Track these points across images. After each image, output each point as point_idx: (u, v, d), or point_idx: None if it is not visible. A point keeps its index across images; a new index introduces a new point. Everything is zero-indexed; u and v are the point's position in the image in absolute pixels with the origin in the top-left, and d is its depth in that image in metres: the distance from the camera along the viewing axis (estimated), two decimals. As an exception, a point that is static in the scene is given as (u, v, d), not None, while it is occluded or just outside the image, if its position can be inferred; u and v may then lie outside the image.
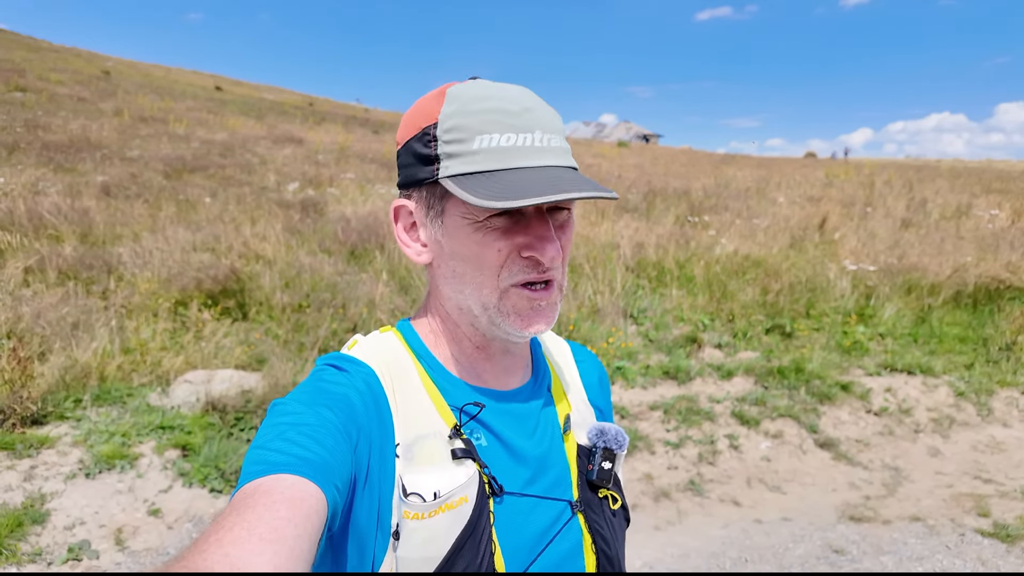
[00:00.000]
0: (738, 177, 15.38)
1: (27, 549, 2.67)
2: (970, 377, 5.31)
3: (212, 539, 0.49)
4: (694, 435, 4.30)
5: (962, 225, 9.87)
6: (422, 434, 0.71)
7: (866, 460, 4.26)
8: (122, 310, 4.90)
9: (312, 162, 13.73)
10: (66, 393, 3.78)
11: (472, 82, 0.73)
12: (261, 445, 0.61)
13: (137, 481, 3.19)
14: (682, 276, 6.82)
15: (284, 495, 0.54)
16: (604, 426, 0.83)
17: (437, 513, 0.67)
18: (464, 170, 0.69)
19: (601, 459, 0.81)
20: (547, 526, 0.75)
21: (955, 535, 3.41)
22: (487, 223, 0.69)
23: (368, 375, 0.73)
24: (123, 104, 18.46)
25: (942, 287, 6.69)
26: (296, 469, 0.58)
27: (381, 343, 0.79)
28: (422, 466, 0.69)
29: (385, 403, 0.72)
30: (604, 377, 0.98)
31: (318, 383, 0.71)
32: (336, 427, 0.65)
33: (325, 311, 5.33)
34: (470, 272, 0.72)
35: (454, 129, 0.69)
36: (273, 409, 0.67)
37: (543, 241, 0.69)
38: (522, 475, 0.75)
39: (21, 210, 7.04)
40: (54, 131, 13.61)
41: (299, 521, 0.53)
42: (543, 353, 0.90)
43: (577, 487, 0.79)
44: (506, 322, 0.72)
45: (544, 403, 0.83)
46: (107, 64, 31.58)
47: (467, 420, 0.74)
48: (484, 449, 0.74)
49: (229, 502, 0.56)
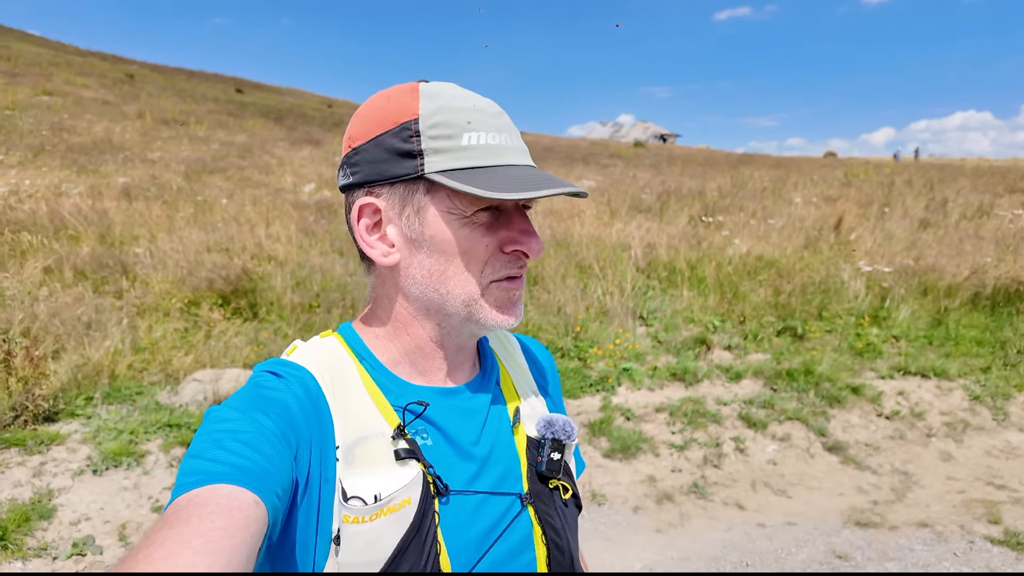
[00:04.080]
0: (755, 177, 15.21)
1: (33, 544, 2.73)
2: (986, 381, 5.20)
3: (142, 555, 0.47)
4: (700, 438, 4.27)
5: (983, 225, 9.67)
6: (363, 435, 0.71)
7: (875, 464, 4.19)
8: (135, 309, 5.00)
9: (329, 163, 13.86)
10: (78, 391, 3.86)
11: (443, 83, 0.74)
12: (196, 454, 0.60)
13: (143, 478, 3.25)
14: (693, 277, 6.76)
15: (220, 505, 0.53)
16: (552, 417, 0.84)
17: (379, 516, 0.67)
18: (455, 165, 0.69)
19: (550, 450, 0.81)
20: (495, 521, 0.75)
21: (964, 542, 3.34)
22: (474, 218, 0.71)
23: (305, 378, 0.72)
24: (146, 107, 18.80)
25: (959, 289, 6.56)
26: (233, 479, 0.57)
27: (321, 347, 0.78)
28: (363, 468, 0.69)
29: (324, 406, 0.71)
30: (554, 368, 0.99)
31: (255, 389, 0.70)
32: (274, 433, 0.64)
33: (335, 311, 5.38)
34: (453, 268, 0.72)
35: (440, 125, 0.69)
36: (208, 416, 0.66)
37: (528, 236, 0.73)
38: (469, 471, 0.75)
39: (43, 211, 7.22)
40: (79, 133, 13.92)
41: (236, 531, 0.52)
42: (490, 347, 0.90)
43: (527, 479, 0.79)
44: (487, 316, 0.74)
45: (492, 397, 0.82)
46: (131, 68, 32.18)
47: (412, 419, 0.73)
48: (430, 448, 0.73)
49: (162, 515, 0.54)
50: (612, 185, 12.74)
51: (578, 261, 7.03)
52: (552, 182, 0.69)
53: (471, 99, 0.72)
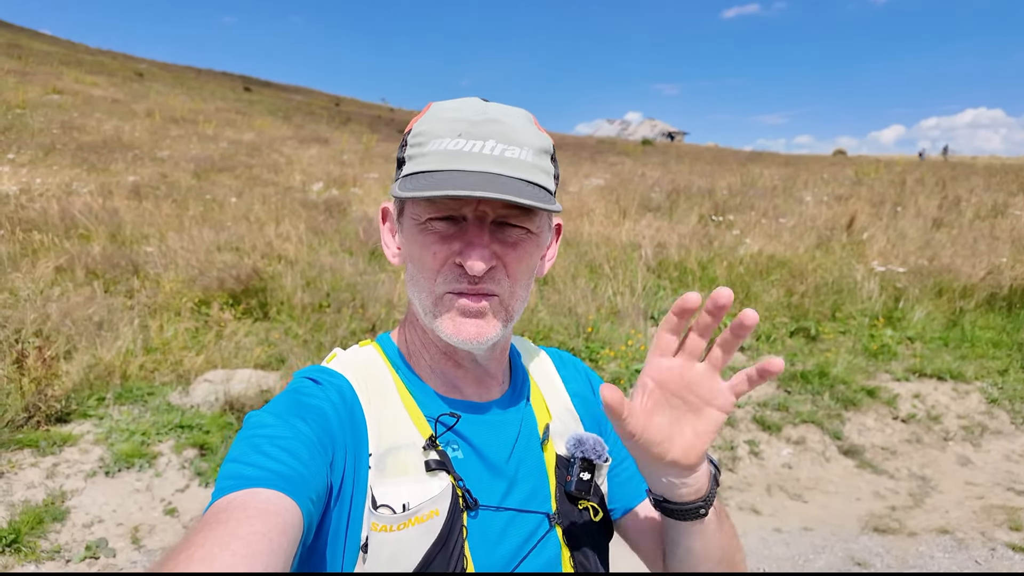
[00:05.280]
0: (764, 175, 15.12)
1: (46, 546, 2.72)
2: (1004, 383, 5.13)
3: (183, 556, 0.48)
4: (713, 440, 4.23)
5: (997, 225, 9.56)
6: (396, 445, 0.71)
7: (892, 469, 4.14)
8: (146, 309, 4.99)
9: (337, 162, 13.88)
10: (90, 391, 3.85)
11: (464, 98, 0.74)
12: (236, 458, 0.61)
13: (155, 480, 3.24)
14: (704, 277, 6.71)
15: (259, 509, 0.54)
16: (583, 435, 0.81)
17: (406, 526, 0.67)
18: (412, 170, 0.71)
19: (580, 470, 0.79)
20: (523, 540, 0.74)
21: (985, 549, 3.29)
22: (427, 225, 0.71)
23: (342, 386, 0.73)
24: (155, 106, 18.87)
25: (975, 289, 6.48)
26: (271, 483, 0.57)
27: (359, 355, 0.80)
28: (394, 477, 0.69)
29: (360, 413, 0.72)
30: (596, 381, 0.94)
31: (293, 396, 0.71)
32: (311, 440, 0.65)
33: (345, 311, 5.36)
34: (416, 275, 0.74)
35: (420, 135, 0.72)
36: (248, 421, 0.67)
37: (470, 247, 0.69)
38: (499, 488, 0.74)
39: (54, 210, 7.24)
40: (89, 132, 13.97)
41: (273, 536, 0.52)
42: (522, 363, 0.88)
43: (555, 499, 0.78)
44: (442, 329, 0.72)
45: (523, 414, 0.81)
46: (141, 66, 32.32)
47: (443, 431, 0.73)
48: (460, 461, 0.73)
49: (202, 516, 0.55)
50: (620, 184, 12.68)
51: (588, 261, 7.00)
52: (476, 188, 0.63)
53: (462, 111, 0.71)
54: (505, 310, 0.73)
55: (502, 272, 0.71)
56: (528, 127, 0.73)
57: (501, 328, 0.73)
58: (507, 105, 0.74)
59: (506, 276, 0.71)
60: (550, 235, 0.80)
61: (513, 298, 0.73)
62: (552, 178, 0.74)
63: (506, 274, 0.71)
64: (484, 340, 0.71)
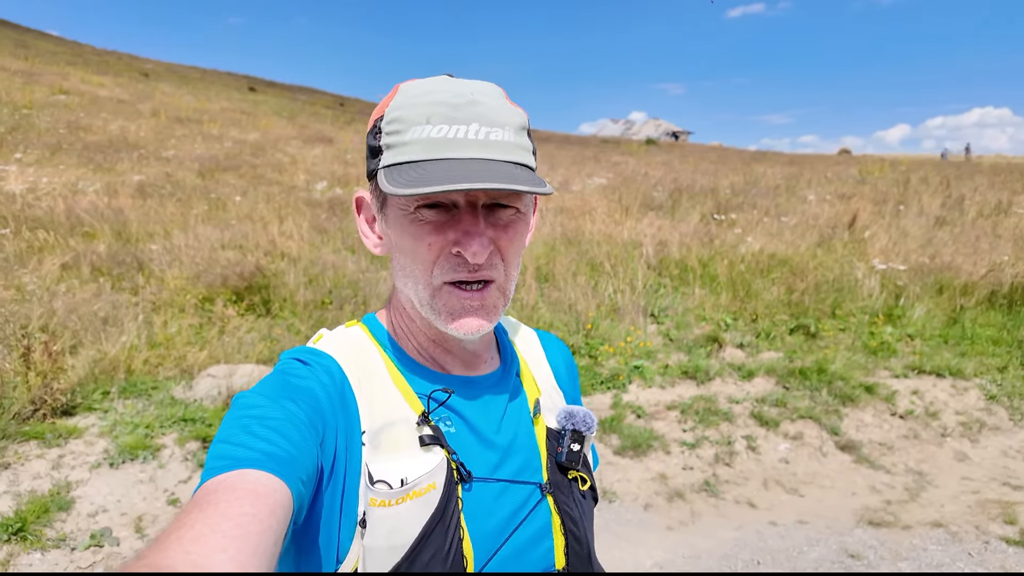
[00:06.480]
0: (768, 174, 15.10)
1: (52, 535, 2.78)
2: (1003, 380, 5.14)
3: (173, 536, 0.48)
4: (711, 436, 4.26)
5: (1000, 223, 9.55)
6: (389, 421, 0.72)
7: (889, 464, 4.16)
8: (150, 306, 5.05)
9: (341, 161, 13.92)
10: (95, 385, 3.91)
11: (431, 78, 0.74)
12: (225, 439, 0.61)
13: (159, 471, 3.29)
14: (705, 275, 6.73)
15: (248, 490, 0.54)
16: (572, 409, 0.85)
17: (404, 500, 0.68)
18: (394, 160, 0.69)
19: (570, 441, 0.82)
20: (515, 509, 0.76)
21: (979, 543, 3.31)
22: (417, 215, 0.70)
23: (331, 366, 0.74)
24: (160, 105, 18.97)
25: (976, 287, 6.48)
26: (261, 464, 0.58)
27: (346, 335, 0.80)
28: (389, 453, 0.70)
29: (350, 392, 0.73)
30: (571, 362, 0.99)
31: (282, 376, 0.71)
32: (301, 420, 0.65)
33: (347, 308, 5.41)
34: (409, 266, 0.73)
35: (395, 121, 0.70)
36: (237, 402, 0.67)
37: (468, 236, 0.68)
38: (491, 460, 0.76)
39: (60, 209, 7.31)
40: (95, 132, 14.06)
41: (263, 516, 0.53)
42: (509, 340, 0.91)
43: (547, 470, 0.80)
44: (438, 320, 0.73)
45: (513, 388, 0.84)
46: (146, 67, 32.48)
47: (435, 407, 0.75)
48: (453, 435, 0.75)
49: (191, 497, 0.55)
50: (623, 183, 12.70)
51: (589, 259, 7.02)
52: (471, 177, 0.63)
53: (437, 92, 0.69)
54: (503, 295, 0.74)
55: (497, 256, 0.72)
56: (505, 104, 0.72)
57: (499, 315, 0.75)
58: (476, 81, 0.73)
59: (501, 260, 0.72)
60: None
61: (508, 280, 0.74)
62: (532, 155, 0.74)
63: (501, 258, 0.72)
64: (483, 328, 0.73)
